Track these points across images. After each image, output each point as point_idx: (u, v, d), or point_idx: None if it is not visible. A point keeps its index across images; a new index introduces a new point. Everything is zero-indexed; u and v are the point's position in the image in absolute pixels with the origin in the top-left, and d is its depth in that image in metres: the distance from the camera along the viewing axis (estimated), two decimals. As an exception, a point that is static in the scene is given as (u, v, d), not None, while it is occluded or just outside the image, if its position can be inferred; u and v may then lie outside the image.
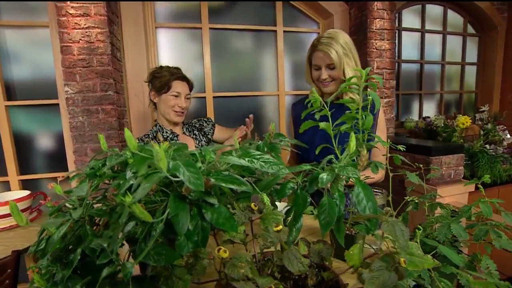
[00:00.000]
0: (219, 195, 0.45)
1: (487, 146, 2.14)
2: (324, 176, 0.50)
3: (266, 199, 0.45)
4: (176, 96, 1.27)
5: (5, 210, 1.42)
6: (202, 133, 1.43)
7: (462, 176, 1.83)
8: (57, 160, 1.90)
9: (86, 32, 1.54)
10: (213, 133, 1.49)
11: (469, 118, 2.21)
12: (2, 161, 1.80)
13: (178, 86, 1.27)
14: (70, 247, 0.60)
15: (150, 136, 1.31)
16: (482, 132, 2.27)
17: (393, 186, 0.69)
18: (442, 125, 2.26)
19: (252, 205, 0.46)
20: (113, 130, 1.65)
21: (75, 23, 1.52)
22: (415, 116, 2.79)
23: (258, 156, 0.49)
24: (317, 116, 0.66)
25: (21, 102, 1.78)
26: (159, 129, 1.33)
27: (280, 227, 0.40)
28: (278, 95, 2.29)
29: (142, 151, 0.48)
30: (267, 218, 0.45)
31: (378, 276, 0.38)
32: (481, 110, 2.56)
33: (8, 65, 1.75)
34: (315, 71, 1.17)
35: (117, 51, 1.72)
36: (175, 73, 1.30)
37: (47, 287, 0.55)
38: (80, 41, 1.54)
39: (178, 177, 0.41)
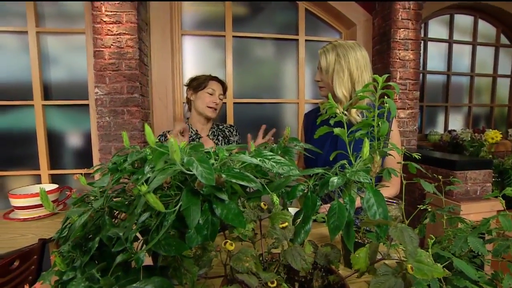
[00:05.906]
0: (230, 192, 0.46)
1: (520, 163, 2.01)
2: (334, 179, 0.50)
3: (275, 198, 0.46)
4: (211, 94, 1.39)
5: (35, 201, 1.52)
6: (226, 140, 1.49)
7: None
8: (84, 157, 2.01)
9: (117, 38, 1.64)
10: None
11: (500, 132, 2.09)
12: (36, 155, 1.93)
13: (213, 85, 1.42)
14: (90, 235, 0.64)
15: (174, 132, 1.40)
16: (514, 148, 2.14)
17: (413, 199, 0.67)
18: (469, 139, 2.15)
19: (262, 204, 0.47)
20: (136, 131, 1.72)
21: (108, 29, 1.63)
22: (440, 129, 2.68)
23: (270, 157, 0.50)
24: (331, 122, 0.66)
25: (56, 102, 1.92)
26: None
27: (286, 224, 0.41)
28: (298, 103, 2.30)
29: (161, 147, 0.51)
30: (275, 217, 0.46)
31: (384, 281, 0.37)
32: (514, 125, 2.41)
33: (48, 68, 1.90)
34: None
35: (145, 56, 1.82)
36: (211, 76, 1.48)
37: (67, 271, 0.59)
38: (112, 46, 1.64)
39: (192, 172, 0.43)
